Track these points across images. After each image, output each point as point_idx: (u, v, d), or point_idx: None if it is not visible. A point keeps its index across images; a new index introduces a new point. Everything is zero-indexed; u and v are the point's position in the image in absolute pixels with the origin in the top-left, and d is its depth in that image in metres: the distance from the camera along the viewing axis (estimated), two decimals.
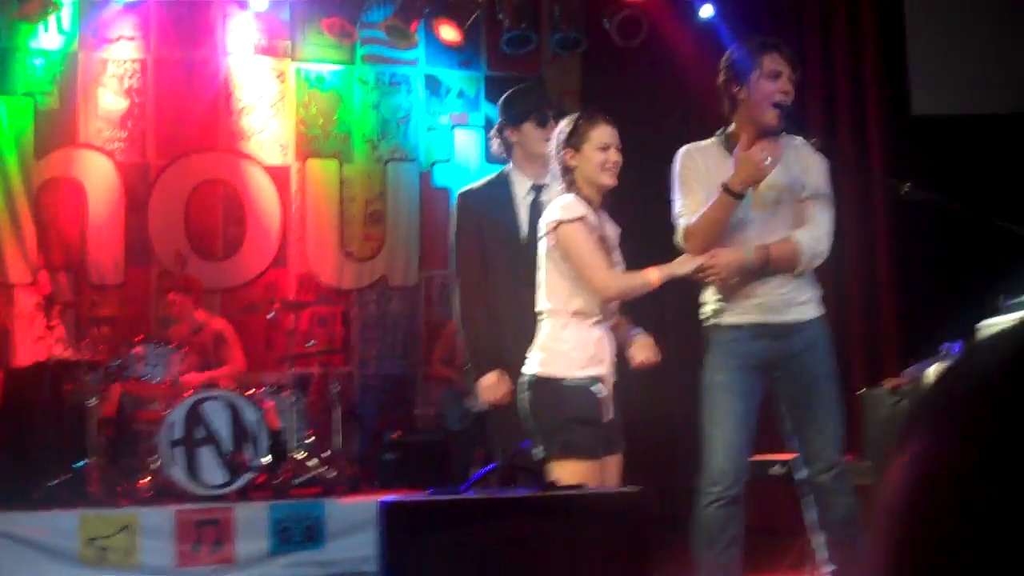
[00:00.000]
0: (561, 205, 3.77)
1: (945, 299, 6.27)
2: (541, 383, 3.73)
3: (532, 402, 3.76)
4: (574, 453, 3.59)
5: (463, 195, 4.62)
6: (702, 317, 3.94)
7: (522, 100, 4.51)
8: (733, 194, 3.63)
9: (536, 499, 3.04)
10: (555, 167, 3.86)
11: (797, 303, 3.83)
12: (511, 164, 4.58)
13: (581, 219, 3.72)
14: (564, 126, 3.86)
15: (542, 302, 3.81)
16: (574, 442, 3.63)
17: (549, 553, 2.91)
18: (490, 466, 3.52)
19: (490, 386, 4.23)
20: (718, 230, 3.75)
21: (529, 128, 4.45)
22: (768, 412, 3.97)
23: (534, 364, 3.77)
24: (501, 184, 4.49)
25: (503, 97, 4.65)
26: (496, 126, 4.60)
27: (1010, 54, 6.78)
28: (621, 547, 2.95)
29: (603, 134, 3.82)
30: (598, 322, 3.75)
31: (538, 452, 3.73)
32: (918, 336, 6.34)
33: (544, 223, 3.80)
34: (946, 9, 6.99)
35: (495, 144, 4.60)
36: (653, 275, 3.70)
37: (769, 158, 3.56)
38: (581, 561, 2.92)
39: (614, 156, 3.82)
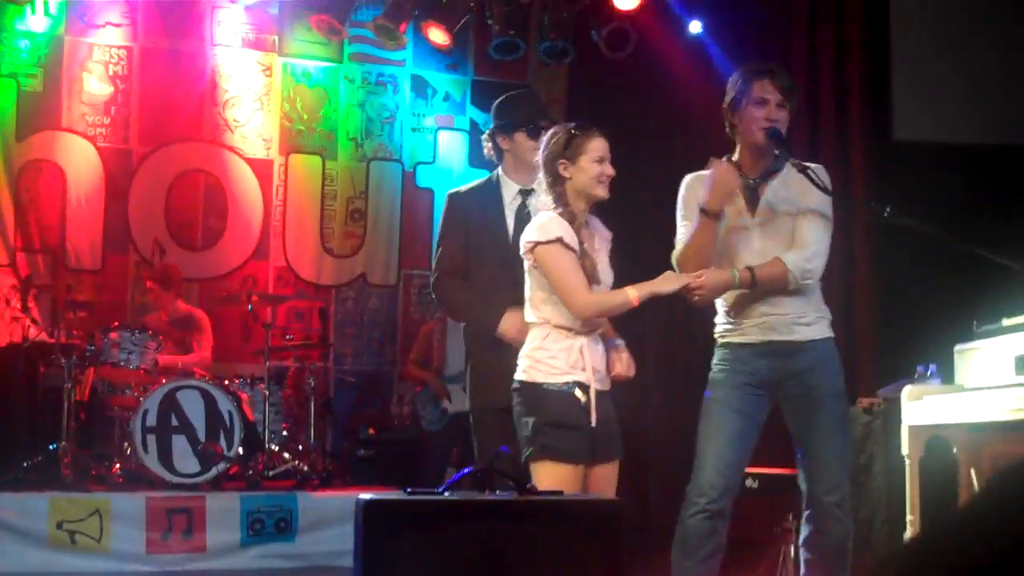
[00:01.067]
0: (538, 226, 3.78)
1: (921, 322, 6.37)
2: (525, 389, 3.77)
3: (517, 407, 3.80)
4: (550, 456, 3.62)
5: (452, 196, 4.65)
6: (716, 336, 4.02)
7: (517, 109, 4.54)
8: (709, 215, 3.70)
9: (513, 503, 3.06)
10: (543, 177, 3.87)
11: (802, 323, 3.88)
12: (500, 169, 4.62)
13: (558, 240, 3.74)
14: (559, 136, 3.86)
15: (528, 315, 3.85)
16: (551, 445, 3.66)
17: (524, 557, 2.93)
18: (468, 469, 3.55)
19: (512, 323, 4.13)
20: (707, 252, 3.82)
21: (521, 138, 4.48)
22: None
23: (520, 371, 3.82)
24: (490, 188, 4.54)
25: (498, 102, 4.68)
26: (489, 130, 4.63)
27: (994, 85, 6.91)
28: (596, 555, 2.96)
29: (599, 147, 3.84)
30: (580, 333, 3.78)
31: (524, 454, 3.77)
32: (894, 357, 6.45)
33: (522, 242, 3.83)
34: (932, 36, 7.10)
35: (486, 148, 4.64)
36: (632, 294, 3.72)
37: (715, 176, 3.63)
38: (556, 567, 2.94)
39: (609, 169, 3.84)
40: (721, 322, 3.98)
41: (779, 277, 3.81)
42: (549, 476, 3.59)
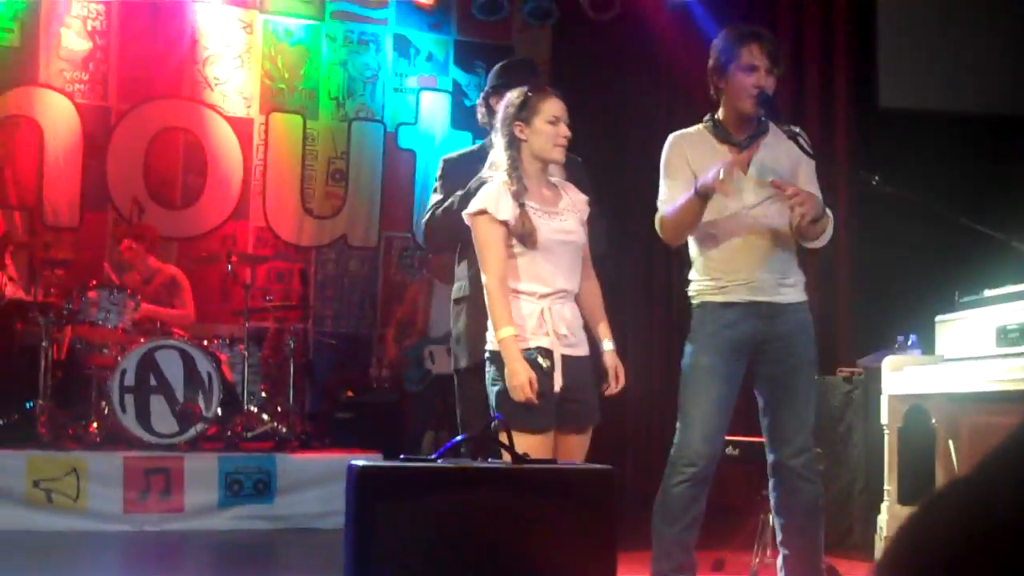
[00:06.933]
0: (479, 194, 3.77)
1: (903, 292, 6.38)
2: (494, 357, 3.72)
3: (488, 375, 3.77)
4: (514, 426, 3.40)
5: (447, 160, 4.63)
6: (691, 294, 3.96)
7: (513, 74, 4.49)
8: (702, 196, 3.66)
9: (506, 471, 3.05)
10: (500, 140, 3.82)
11: (786, 285, 3.87)
12: (493, 135, 4.58)
13: (483, 213, 3.71)
14: (514, 99, 3.81)
15: None
16: (513, 415, 3.52)
17: (517, 525, 2.93)
18: (462, 436, 3.51)
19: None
20: (690, 227, 3.80)
21: None
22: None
23: (489, 340, 3.78)
24: (483, 155, 4.49)
25: (496, 67, 4.65)
26: (483, 93, 4.59)
27: (982, 53, 6.89)
28: (589, 523, 2.97)
29: (554, 107, 3.78)
30: (545, 296, 3.73)
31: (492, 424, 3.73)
32: (874, 327, 6.46)
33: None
34: (919, 3, 7.07)
35: (480, 113, 4.59)
36: (505, 333, 3.62)
37: (723, 173, 3.57)
38: (548, 534, 2.94)
39: (564, 131, 3.79)
40: (700, 280, 3.93)
41: (827, 224, 3.84)
42: (515, 446, 3.52)
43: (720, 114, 3.92)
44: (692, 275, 3.96)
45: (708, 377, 3.82)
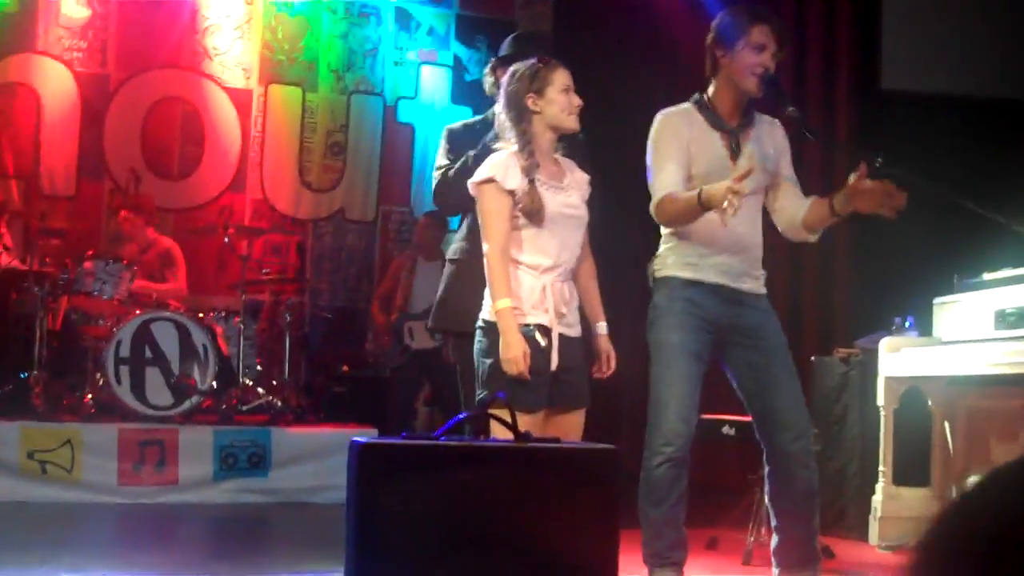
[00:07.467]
0: (486, 162, 3.73)
1: (901, 274, 6.37)
2: (488, 328, 3.69)
3: (479, 345, 3.73)
4: (501, 403, 3.41)
5: (450, 130, 4.57)
6: (655, 268, 3.92)
7: (525, 47, 4.44)
8: (705, 207, 3.61)
9: (509, 449, 3.04)
10: (506, 115, 3.77)
11: (752, 276, 3.87)
12: (496, 107, 4.54)
13: (490, 181, 3.68)
14: (523, 71, 3.77)
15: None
16: (504, 391, 3.47)
17: (519, 504, 2.92)
18: (464, 414, 3.48)
19: None
20: (684, 223, 3.78)
21: None
22: (714, 373, 3.97)
23: (484, 310, 3.76)
24: (486, 127, 4.45)
25: (509, 37, 4.60)
26: (491, 63, 4.53)
27: (984, 37, 6.85)
28: (591, 502, 2.96)
29: (564, 77, 3.77)
30: (548, 271, 3.70)
31: (479, 396, 3.70)
32: (872, 308, 6.46)
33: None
34: None
35: (487, 83, 4.54)
36: (503, 304, 3.59)
37: (727, 203, 3.53)
38: (551, 513, 2.93)
39: (576, 99, 3.78)
40: (670, 255, 3.89)
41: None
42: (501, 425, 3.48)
43: (711, 93, 3.88)
44: (661, 249, 3.92)
45: (679, 355, 3.78)
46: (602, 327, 3.91)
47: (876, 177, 3.90)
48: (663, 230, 3.92)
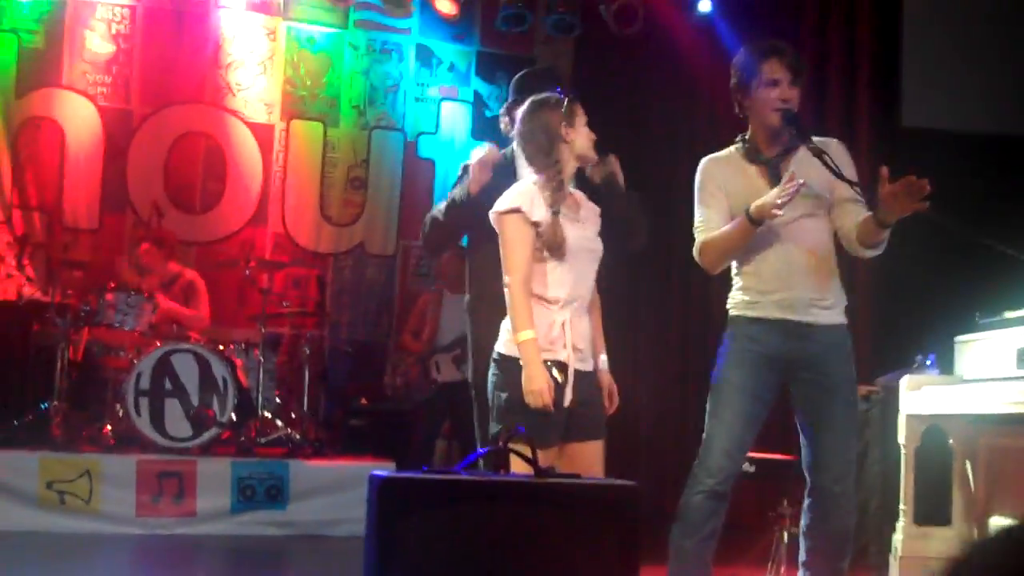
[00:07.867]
0: (507, 193, 3.74)
1: (922, 311, 6.34)
2: (503, 362, 3.69)
3: (493, 378, 3.73)
4: (520, 438, 3.36)
5: (467, 168, 4.59)
6: (727, 307, 3.96)
7: (538, 84, 4.46)
8: (752, 220, 3.63)
9: (529, 485, 3.03)
10: (535, 144, 3.77)
11: (820, 306, 3.83)
12: (515, 144, 4.56)
13: (516, 211, 3.68)
14: (555, 101, 3.79)
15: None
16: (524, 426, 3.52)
17: (539, 539, 2.90)
18: (484, 449, 3.47)
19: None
20: (734, 250, 3.79)
21: None
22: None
23: (500, 342, 3.75)
24: (504, 163, 4.46)
25: (519, 75, 4.63)
26: (506, 104, 4.57)
27: (1005, 74, 6.86)
28: (612, 539, 2.94)
29: (582, 110, 3.84)
30: (565, 306, 3.70)
31: (494, 430, 3.68)
32: (893, 346, 6.43)
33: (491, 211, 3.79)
34: (944, 23, 7.05)
35: (503, 123, 4.57)
36: (524, 336, 3.58)
37: (781, 200, 3.54)
38: (571, 550, 2.92)
39: (591, 133, 3.86)
40: (734, 295, 3.93)
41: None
42: (518, 459, 3.46)
43: (749, 133, 3.91)
44: (732, 292, 3.96)
45: (734, 392, 3.80)
46: (603, 361, 3.90)
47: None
48: (733, 270, 3.94)
